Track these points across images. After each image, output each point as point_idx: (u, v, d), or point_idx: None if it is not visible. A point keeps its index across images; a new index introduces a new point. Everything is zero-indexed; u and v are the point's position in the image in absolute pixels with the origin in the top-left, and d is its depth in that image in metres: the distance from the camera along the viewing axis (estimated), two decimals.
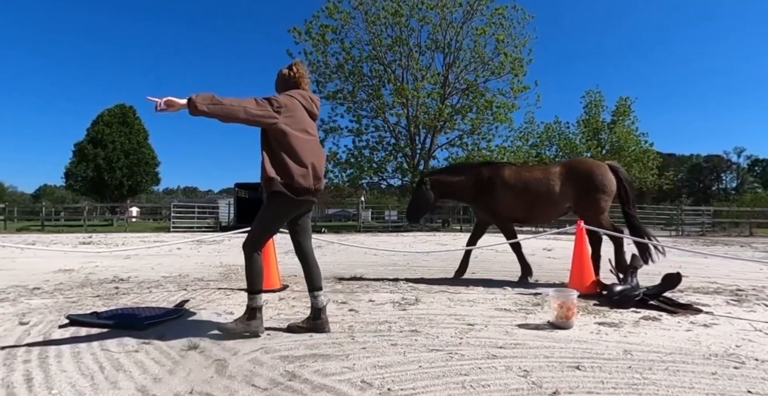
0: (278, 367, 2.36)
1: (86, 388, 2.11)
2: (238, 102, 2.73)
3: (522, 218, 5.61)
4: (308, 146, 3.00)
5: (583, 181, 5.09)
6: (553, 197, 5.18)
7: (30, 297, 4.41)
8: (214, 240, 13.41)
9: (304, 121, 3.04)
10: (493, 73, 24.65)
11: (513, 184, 5.32)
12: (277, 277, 4.80)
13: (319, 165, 3.08)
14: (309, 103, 3.14)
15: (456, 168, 6.12)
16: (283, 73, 3.21)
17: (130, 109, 36.35)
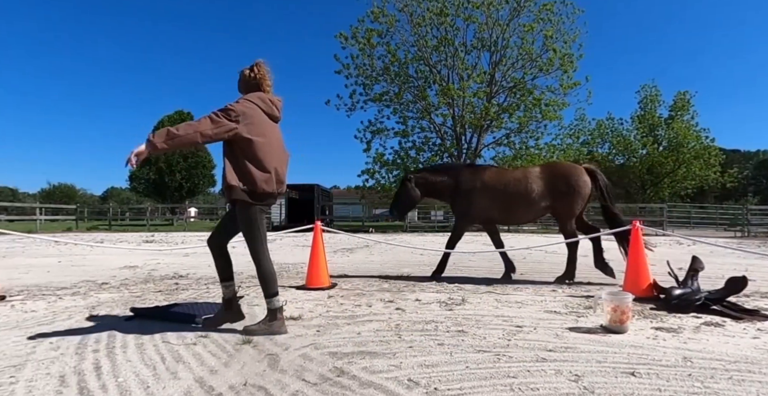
0: (327, 363, 2.41)
1: (149, 378, 2.23)
2: (193, 127, 2.73)
3: (501, 219, 5.69)
4: (270, 151, 2.99)
5: (561, 183, 5.21)
6: (531, 198, 5.26)
7: (99, 291, 4.70)
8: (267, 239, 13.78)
9: (264, 125, 3.01)
10: (541, 69, 24.00)
11: (493, 185, 5.41)
12: (326, 275, 4.88)
13: (281, 169, 3.08)
14: (269, 106, 3.09)
15: (439, 168, 6.09)
16: (245, 74, 3.14)
17: (187, 114, 38.01)
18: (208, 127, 2.75)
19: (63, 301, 4.20)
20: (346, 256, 8.83)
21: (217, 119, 2.80)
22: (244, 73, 3.15)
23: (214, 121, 2.79)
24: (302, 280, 5.22)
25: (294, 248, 10.77)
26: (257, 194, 2.91)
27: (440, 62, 25.13)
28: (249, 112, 2.92)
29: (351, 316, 3.50)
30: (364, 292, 4.57)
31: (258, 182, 2.88)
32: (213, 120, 2.79)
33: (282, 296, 4.33)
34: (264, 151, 2.93)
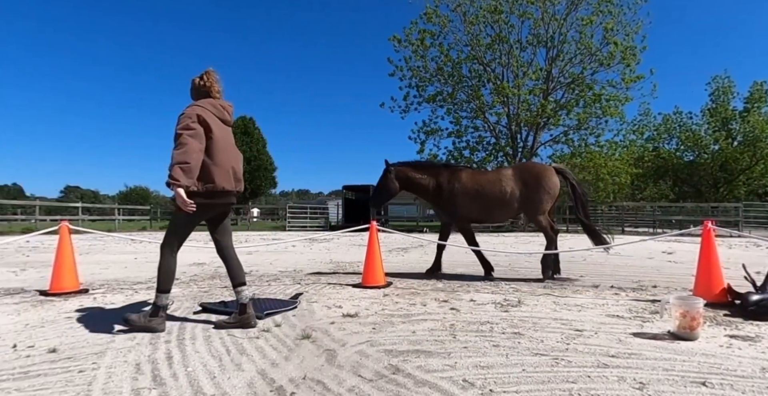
0: (383, 360, 2.42)
1: (215, 368, 2.34)
2: (193, 152, 2.85)
3: (479, 218, 5.85)
4: (225, 151, 3.09)
5: (532, 182, 5.38)
6: (506, 198, 5.42)
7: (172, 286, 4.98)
8: (325, 238, 14.09)
9: (218, 128, 3.11)
10: (601, 64, 22.93)
11: (470, 186, 5.55)
12: (382, 274, 4.91)
13: (238, 168, 3.20)
14: (220, 111, 3.19)
15: (421, 165, 6.00)
16: (195, 82, 3.23)
17: (250, 120, 39.44)
18: (196, 143, 2.90)
19: (139, 294, 4.48)
20: (401, 255, 8.85)
21: (193, 132, 2.91)
22: (194, 81, 3.25)
23: (194, 135, 2.91)
24: (359, 278, 5.28)
25: (351, 247, 10.92)
26: (217, 192, 3.02)
27: (494, 60, 24.63)
28: (203, 117, 3.03)
29: (406, 315, 3.50)
30: (419, 292, 4.55)
31: (217, 180, 3.00)
32: (192, 135, 2.90)
33: (339, 294, 4.41)
34: (221, 151, 3.06)
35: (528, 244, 12.06)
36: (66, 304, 4.01)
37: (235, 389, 2.06)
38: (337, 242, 12.77)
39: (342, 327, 3.14)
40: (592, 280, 5.34)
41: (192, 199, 2.88)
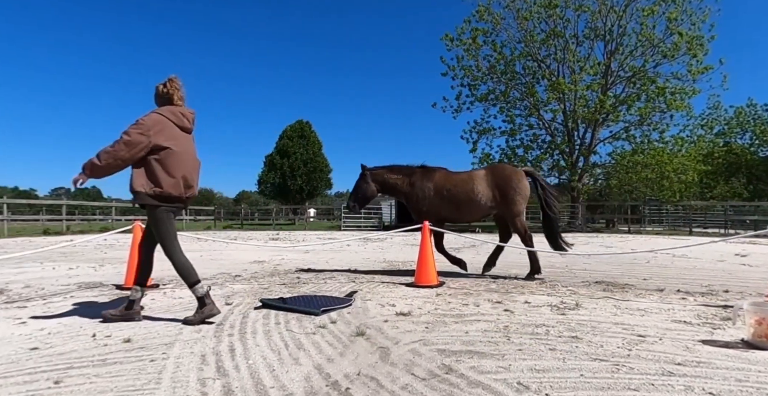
0: (436, 360, 2.41)
1: (274, 362, 2.42)
2: (112, 156, 2.97)
3: (451, 218, 5.86)
4: (179, 159, 3.17)
5: (503, 184, 5.48)
6: (478, 198, 5.50)
7: (233, 283, 5.20)
8: (378, 238, 14.20)
9: (174, 135, 3.19)
10: (665, 56, 21.66)
11: (441, 186, 5.65)
12: (434, 274, 4.89)
13: (190, 175, 3.25)
14: (179, 118, 3.26)
15: (396, 168, 6.05)
16: (159, 88, 3.32)
17: (306, 123, 40.43)
18: (123, 152, 3.00)
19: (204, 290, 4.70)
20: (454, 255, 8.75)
21: (129, 140, 3.01)
22: (158, 87, 3.34)
23: (128, 144, 3.00)
24: (412, 277, 5.28)
25: (404, 247, 10.94)
26: (164, 197, 3.12)
27: (549, 56, 23.88)
28: (159, 125, 3.13)
29: (459, 315, 3.47)
30: (472, 292, 4.49)
31: (165, 186, 3.10)
32: (126, 143, 3.00)
33: (392, 292, 4.44)
34: (173, 159, 3.14)
35: (586, 245, 11.59)
36: None
37: (293, 382, 2.11)
38: (390, 242, 12.83)
39: (395, 325, 3.15)
40: (657, 284, 5.05)
41: (145, 200, 3.08)
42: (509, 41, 24.20)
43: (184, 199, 3.29)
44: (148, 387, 2.06)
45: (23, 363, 2.40)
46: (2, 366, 2.35)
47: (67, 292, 4.56)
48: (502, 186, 5.49)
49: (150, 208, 3.16)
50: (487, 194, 5.51)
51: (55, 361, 2.43)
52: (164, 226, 3.20)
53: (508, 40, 24.19)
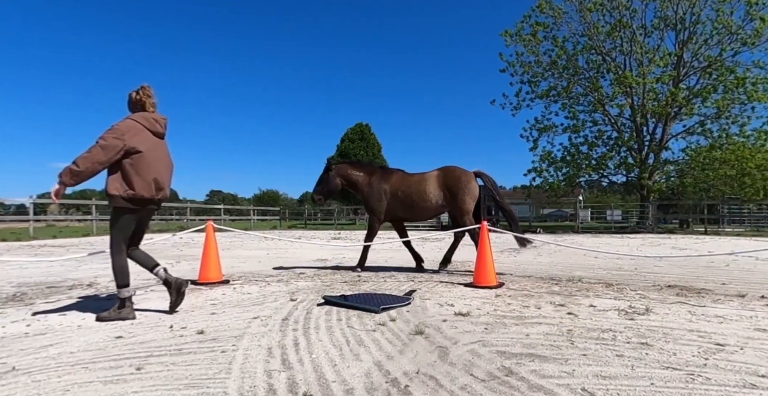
0: (495, 361, 2.36)
1: (336, 357, 2.47)
2: (90, 160, 3.08)
3: (405, 217, 6.19)
4: (151, 162, 3.31)
5: (454, 185, 5.81)
6: (430, 198, 5.86)
7: (297, 280, 5.37)
8: (436, 238, 14.11)
9: (147, 140, 3.33)
10: (744, 43, 19.89)
11: (397, 187, 5.98)
12: (493, 274, 4.79)
13: (161, 178, 3.39)
14: (152, 124, 3.40)
15: (359, 164, 6.41)
16: (132, 96, 3.47)
17: (366, 126, 40.97)
18: (100, 155, 3.12)
19: (270, 286, 4.90)
20: (513, 256, 8.54)
21: (105, 144, 3.13)
22: (131, 95, 3.49)
23: (104, 147, 3.13)
24: (470, 277, 5.21)
25: (461, 247, 10.77)
26: (137, 199, 3.27)
27: (615, 49, 22.68)
28: (133, 130, 3.26)
29: (519, 317, 3.37)
30: (533, 294, 4.35)
31: (137, 189, 3.24)
32: (103, 147, 3.13)
33: (451, 292, 4.39)
34: (145, 162, 3.28)
35: (657, 247, 10.90)
36: (211, 292, 4.53)
37: (353, 378, 2.15)
38: (448, 242, 12.69)
39: (454, 325, 3.12)
40: (737, 289, 4.65)
41: (118, 203, 3.23)
42: (571, 35, 23.24)
43: (156, 201, 3.43)
44: (220, 376, 2.17)
45: (109, 350, 2.61)
46: (92, 352, 2.57)
47: (148, 286, 4.90)
48: (453, 187, 5.83)
49: (115, 210, 3.32)
50: (438, 195, 5.87)
51: (137, 349, 2.63)
52: (120, 227, 3.35)
53: (570, 34, 23.24)
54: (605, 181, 25.56)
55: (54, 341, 2.80)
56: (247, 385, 2.06)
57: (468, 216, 5.91)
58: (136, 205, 3.31)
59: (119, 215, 3.32)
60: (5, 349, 2.64)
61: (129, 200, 3.25)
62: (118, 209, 3.30)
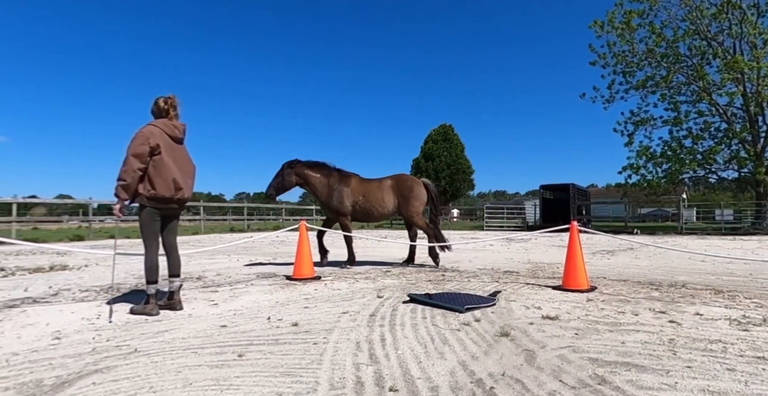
0: (586, 368, 2.22)
1: (421, 354, 2.47)
2: (132, 170, 3.34)
3: (361, 219, 6.70)
4: (169, 165, 3.50)
5: (407, 192, 6.55)
6: (386, 204, 6.53)
7: (384, 277, 5.45)
8: (522, 238, 13.61)
9: (167, 145, 3.53)
10: None
11: (359, 192, 6.48)
12: (584, 277, 4.50)
13: (180, 179, 3.56)
14: (171, 129, 3.61)
15: (316, 165, 6.55)
16: (158, 103, 3.68)
17: (449, 127, 40.52)
18: (136, 164, 3.37)
19: (358, 283, 5.03)
20: (606, 258, 7.96)
21: (136, 153, 3.37)
22: (158, 102, 3.69)
23: (136, 156, 3.37)
24: (558, 280, 4.96)
25: (549, 248, 10.30)
26: (158, 198, 3.47)
27: (722, 32, 20.30)
28: (153, 135, 3.47)
29: (613, 323, 3.14)
30: (629, 299, 4.03)
31: (158, 189, 3.44)
32: (135, 156, 3.37)
33: (537, 294, 4.21)
34: (164, 165, 3.48)
35: None
36: (304, 287, 4.75)
37: (438, 376, 2.14)
38: (534, 242, 12.19)
39: (541, 329, 2.99)
40: None
41: (143, 202, 3.46)
42: (670, 20, 21.17)
43: (176, 200, 3.60)
44: (312, 366, 2.28)
45: (215, 338, 2.85)
46: (200, 339, 2.82)
47: (248, 280, 5.27)
48: (405, 194, 6.52)
49: (138, 210, 3.55)
50: (393, 202, 6.54)
51: (238, 337, 2.84)
52: (146, 225, 3.55)
53: (668, 20, 21.19)
54: (713, 178, 22.92)
55: (168, 327, 3.11)
56: (337, 377, 2.14)
57: (420, 216, 6.69)
58: (158, 203, 3.51)
59: (144, 214, 3.53)
60: (129, 332, 2.99)
61: (151, 199, 3.47)
62: (142, 208, 3.52)
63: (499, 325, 3.08)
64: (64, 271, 6.23)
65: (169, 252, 3.76)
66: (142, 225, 3.56)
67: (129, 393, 1.96)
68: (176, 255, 3.78)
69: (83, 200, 17.19)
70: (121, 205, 3.45)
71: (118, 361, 2.39)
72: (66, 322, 3.28)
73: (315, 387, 2.02)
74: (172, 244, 3.78)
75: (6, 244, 9.97)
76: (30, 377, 2.16)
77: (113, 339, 2.82)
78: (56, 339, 2.83)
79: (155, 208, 3.53)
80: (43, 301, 4.08)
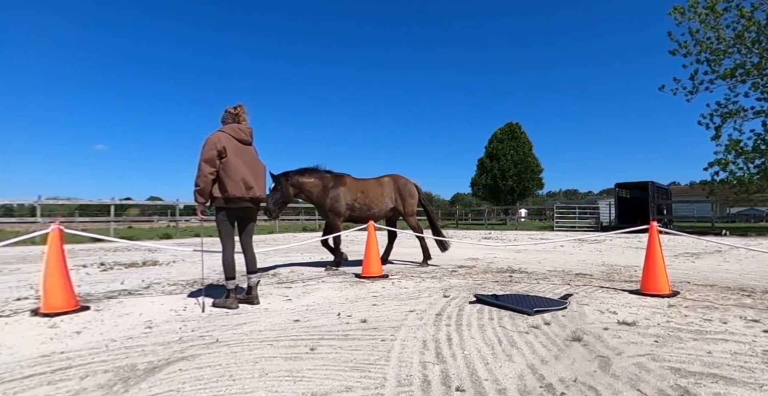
0: (667, 378, 2.06)
1: (488, 355, 2.42)
2: (204, 176, 3.59)
3: (360, 217, 6.42)
4: (237, 166, 3.71)
5: (403, 190, 6.61)
6: (387, 202, 6.49)
7: (450, 277, 5.40)
8: (596, 239, 12.89)
9: (234, 147, 3.76)
10: None
11: (356, 190, 6.37)
12: (665, 281, 4.16)
13: (248, 178, 3.75)
14: (238, 132, 3.84)
15: (307, 171, 6.29)
16: (229, 110, 3.98)
17: (516, 125, 39.33)
18: (208, 168, 3.61)
19: (425, 282, 5.02)
20: (691, 261, 7.32)
21: (206, 158, 3.61)
22: (228, 109, 3.99)
23: (207, 161, 3.61)
24: (635, 284, 4.64)
25: (626, 250, 9.66)
26: (231, 198, 3.68)
27: None
28: (221, 140, 3.70)
29: (698, 331, 2.89)
30: (716, 306, 3.68)
31: (230, 189, 3.66)
32: (206, 161, 3.61)
33: (613, 298, 3.96)
34: (232, 166, 3.69)
35: None
36: (372, 285, 4.83)
37: (506, 378, 2.09)
38: (609, 244, 11.49)
39: (617, 334, 2.82)
40: None
41: (219, 203, 3.70)
42: (761, 2, 19.01)
43: (249, 199, 3.79)
44: (380, 362, 2.31)
45: (289, 331, 2.97)
46: (275, 332, 2.96)
47: (320, 278, 5.44)
48: (402, 191, 6.59)
49: (216, 210, 3.78)
50: (391, 197, 6.54)
51: (310, 332, 2.94)
52: (223, 225, 3.78)
53: (759, 2, 19.04)
54: None
55: (246, 320, 3.29)
56: (404, 374, 2.15)
57: (414, 216, 6.72)
58: (233, 204, 3.73)
59: (220, 216, 3.77)
60: (211, 324, 3.20)
61: (226, 200, 3.70)
62: (218, 209, 3.76)
63: (570, 329, 2.94)
64: (154, 266, 6.81)
65: (246, 250, 3.96)
66: (219, 225, 3.79)
67: (211, 380, 2.10)
68: (252, 253, 3.97)
69: (171, 202, 18.63)
70: (202, 207, 3.72)
71: (202, 350, 2.57)
72: (156, 312, 3.59)
73: (383, 382, 2.05)
74: (248, 243, 3.98)
75: (105, 241, 11.08)
76: (126, 362, 2.38)
77: (197, 330, 3.04)
78: (148, 328, 3.10)
79: (230, 208, 3.75)
80: (137, 293, 4.49)
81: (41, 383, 2.08)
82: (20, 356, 2.49)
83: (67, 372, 2.23)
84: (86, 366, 2.31)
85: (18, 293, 4.51)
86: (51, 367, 2.29)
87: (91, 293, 4.46)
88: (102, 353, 2.53)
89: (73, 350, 2.59)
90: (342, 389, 1.98)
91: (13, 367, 2.31)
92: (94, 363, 2.36)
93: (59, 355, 2.50)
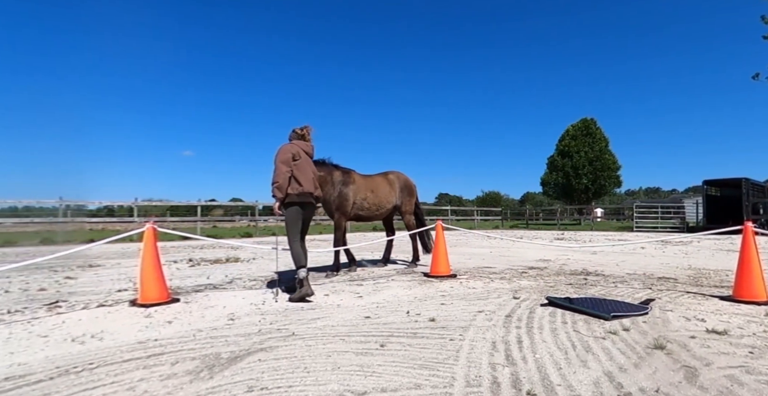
0: (764, 393, 1.86)
1: (561, 360, 2.33)
2: (282, 175, 4.11)
3: (367, 216, 6.18)
4: (305, 170, 4.29)
5: (406, 187, 6.58)
6: (393, 198, 6.38)
7: (520, 278, 5.25)
8: (681, 241, 11.88)
9: (303, 157, 4.34)
10: None
11: (365, 187, 6.09)
12: (762, 288, 3.74)
13: (307, 183, 4.26)
14: (305, 146, 4.47)
15: (317, 164, 5.57)
16: (296, 130, 4.57)
17: (591, 121, 37.12)
18: (284, 167, 4.14)
19: (494, 283, 4.92)
20: None
21: (283, 159, 4.17)
22: (295, 130, 4.58)
23: (283, 162, 4.16)
24: (726, 289, 4.23)
25: (715, 253, 8.81)
26: (303, 193, 4.20)
27: None
28: (293, 149, 4.29)
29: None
30: None
31: (304, 184, 4.22)
32: (282, 162, 4.16)
33: (701, 305, 3.64)
34: (300, 169, 4.25)
35: None
36: (440, 284, 4.81)
37: (581, 384, 2.00)
38: (696, 246, 10.53)
39: (705, 344, 2.59)
40: None
41: (291, 199, 4.14)
42: None
43: (315, 196, 4.37)
44: (448, 362, 2.31)
45: (360, 327, 3.05)
46: (347, 327, 3.04)
47: (389, 276, 5.51)
48: (407, 189, 6.53)
49: (287, 206, 4.18)
50: (396, 195, 6.40)
51: (381, 329, 3.00)
52: (292, 221, 4.21)
53: None
54: None
55: (320, 316, 3.42)
56: (473, 374, 2.13)
57: (411, 215, 6.61)
58: (303, 198, 4.21)
59: (290, 211, 4.19)
60: (288, 318, 3.36)
61: (299, 195, 4.19)
62: (289, 205, 4.18)
63: (652, 336, 2.75)
64: (236, 263, 7.26)
65: (302, 245, 4.36)
66: (288, 220, 4.23)
67: (287, 371, 2.21)
68: (305, 247, 4.38)
69: (251, 203, 19.73)
70: (280, 203, 4.15)
71: (279, 342, 2.71)
72: (238, 305, 3.83)
73: (451, 382, 2.04)
74: (304, 239, 4.46)
75: (193, 239, 11.99)
76: (211, 351, 2.57)
77: (275, 323, 3.21)
78: (231, 320, 3.32)
79: (301, 202, 4.22)
80: (221, 287, 4.82)
81: (138, 367, 2.31)
82: (120, 342, 2.77)
83: (159, 358, 2.45)
84: (176, 353, 2.53)
85: (119, 285, 5.02)
86: (146, 353, 2.53)
87: (180, 287, 4.86)
88: (190, 342, 2.76)
89: (165, 338, 2.84)
90: (411, 386, 2.00)
91: (114, 351, 2.58)
92: (183, 350, 2.58)
93: (153, 342, 2.76)
